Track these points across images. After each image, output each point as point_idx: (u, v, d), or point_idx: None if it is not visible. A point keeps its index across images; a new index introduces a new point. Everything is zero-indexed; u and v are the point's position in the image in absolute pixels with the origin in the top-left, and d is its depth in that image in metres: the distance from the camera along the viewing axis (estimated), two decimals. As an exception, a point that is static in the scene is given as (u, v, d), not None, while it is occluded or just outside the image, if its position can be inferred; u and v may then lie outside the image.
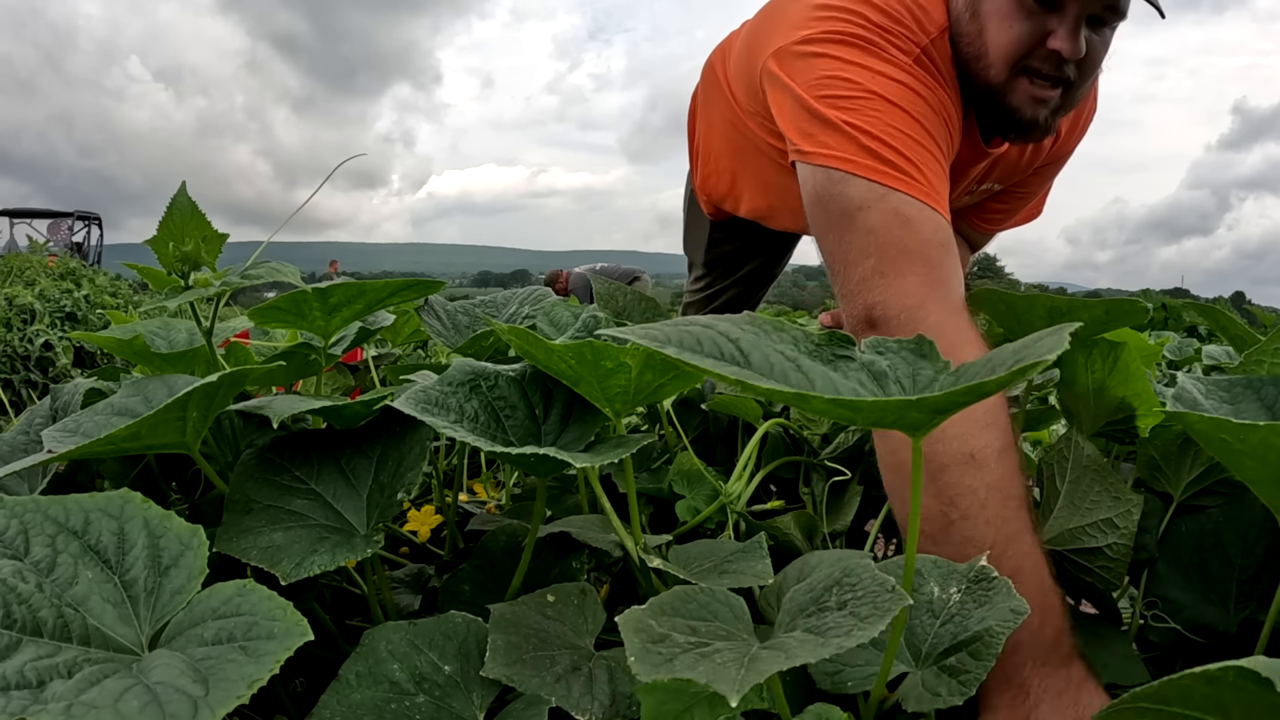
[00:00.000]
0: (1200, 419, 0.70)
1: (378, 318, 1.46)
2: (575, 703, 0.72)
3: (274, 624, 0.63)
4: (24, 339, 4.83)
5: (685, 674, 0.56)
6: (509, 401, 0.94)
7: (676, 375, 0.88)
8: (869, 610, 0.61)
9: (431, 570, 1.22)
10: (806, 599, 0.69)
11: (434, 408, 0.87)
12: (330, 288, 1.06)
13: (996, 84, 1.28)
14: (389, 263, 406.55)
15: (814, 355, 0.68)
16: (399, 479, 0.92)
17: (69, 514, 0.71)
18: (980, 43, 1.27)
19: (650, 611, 0.65)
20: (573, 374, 0.89)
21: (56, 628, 0.62)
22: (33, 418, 1.08)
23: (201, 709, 0.54)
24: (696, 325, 0.66)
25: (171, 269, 1.05)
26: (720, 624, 0.67)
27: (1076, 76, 1.27)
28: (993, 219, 1.79)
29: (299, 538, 0.86)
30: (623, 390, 0.88)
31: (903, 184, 1.15)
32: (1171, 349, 2.80)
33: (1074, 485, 1.03)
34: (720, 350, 0.64)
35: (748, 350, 0.65)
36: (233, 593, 0.67)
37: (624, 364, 0.85)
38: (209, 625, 0.64)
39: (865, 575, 0.66)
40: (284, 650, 0.60)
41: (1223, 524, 1.01)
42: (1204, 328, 5.75)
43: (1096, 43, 1.25)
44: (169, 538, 0.71)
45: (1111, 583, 1.00)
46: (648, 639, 0.61)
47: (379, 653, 0.76)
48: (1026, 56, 1.25)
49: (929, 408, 0.59)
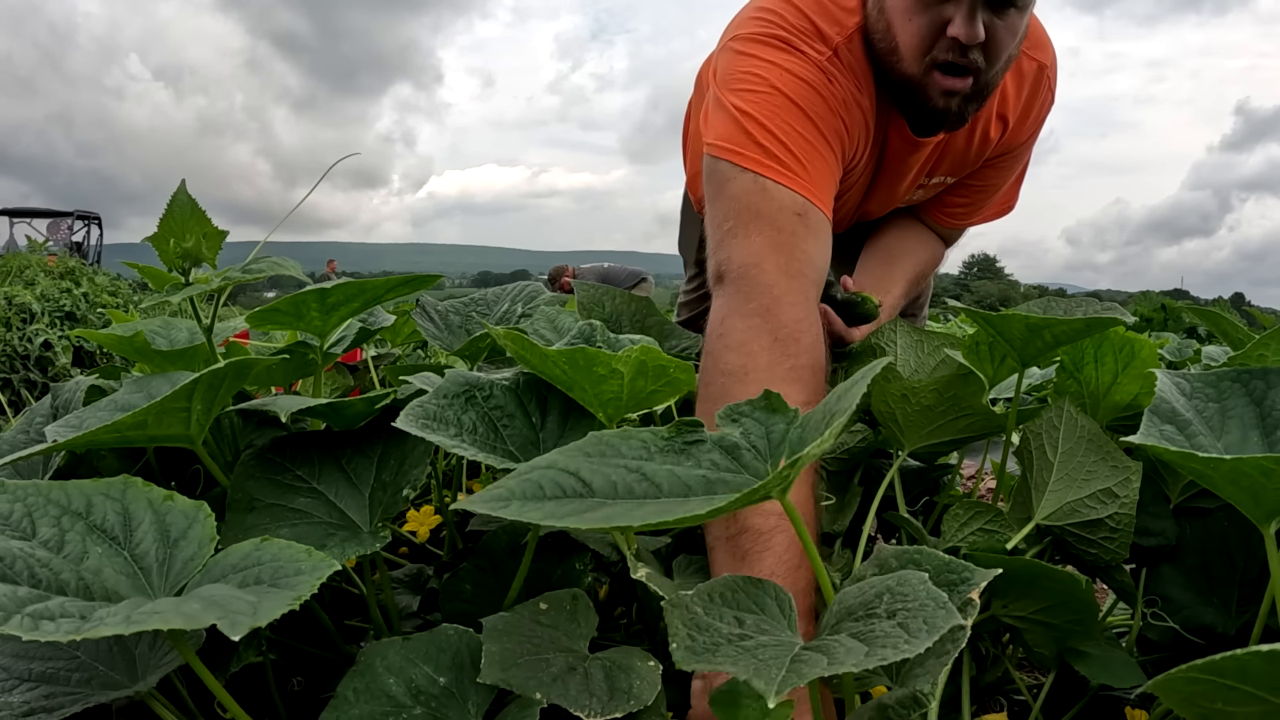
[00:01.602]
0: (1169, 451, 0.72)
1: (377, 317, 1.46)
2: (574, 700, 0.72)
3: (300, 563, 0.66)
4: (23, 338, 4.83)
5: (726, 668, 0.56)
6: (505, 410, 0.95)
7: (669, 382, 0.90)
8: (919, 625, 0.60)
9: (430, 570, 1.21)
10: (855, 602, 0.67)
11: (433, 423, 0.88)
12: (329, 288, 1.06)
13: (911, 77, 1.34)
14: (389, 263, 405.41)
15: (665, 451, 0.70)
16: (403, 476, 0.93)
17: (70, 498, 0.72)
18: (890, 38, 1.34)
19: (698, 598, 0.65)
20: (566, 379, 0.89)
21: (79, 589, 0.64)
22: (33, 416, 1.08)
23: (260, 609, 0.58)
24: (538, 469, 0.68)
25: (172, 265, 1.05)
26: (766, 618, 0.66)
27: (984, 62, 1.31)
28: (955, 213, 1.79)
29: (306, 534, 0.87)
30: (615, 396, 0.89)
31: (778, 174, 1.26)
32: (1171, 350, 2.80)
33: (1068, 456, 1.01)
34: (562, 488, 0.66)
35: (589, 479, 0.67)
36: (250, 549, 0.69)
37: (616, 370, 0.86)
38: (232, 578, 0.66)
39: (919, 586, 0.65)
40: (316, 579, 0.63)
41: (1228, 527, 1.00)
42: (1203, 329, 5.75)
43: (999, 27, 1.29)
44: (174, 514, 0.73)
45: (1116, 553, 0.98)
46: (693, 625, 0.61)
47: (375, 669, 0.77)
48: (932, 47, 1.30)
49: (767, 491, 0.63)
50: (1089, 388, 1.14)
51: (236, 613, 0.57)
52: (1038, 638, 0.95)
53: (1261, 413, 0.85)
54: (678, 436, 0.71)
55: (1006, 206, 1.83)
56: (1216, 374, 0.88)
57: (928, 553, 0.75)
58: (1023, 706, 1.11)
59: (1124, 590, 1.02)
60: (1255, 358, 0.99)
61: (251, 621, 0.57)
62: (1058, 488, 1.01)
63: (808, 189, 1.27)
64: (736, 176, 1.28)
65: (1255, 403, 0.85)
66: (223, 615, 0.57)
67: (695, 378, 0.96)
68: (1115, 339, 1.06)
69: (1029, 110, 1.57)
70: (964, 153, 1.59)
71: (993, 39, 1.29)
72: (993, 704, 1.13)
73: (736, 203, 1.27)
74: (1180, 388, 0.86)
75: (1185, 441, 0.81)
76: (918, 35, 1.30)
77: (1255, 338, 1.02)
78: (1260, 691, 0.48)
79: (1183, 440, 0.81)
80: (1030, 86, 1.53)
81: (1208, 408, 0.86)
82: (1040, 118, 1.61)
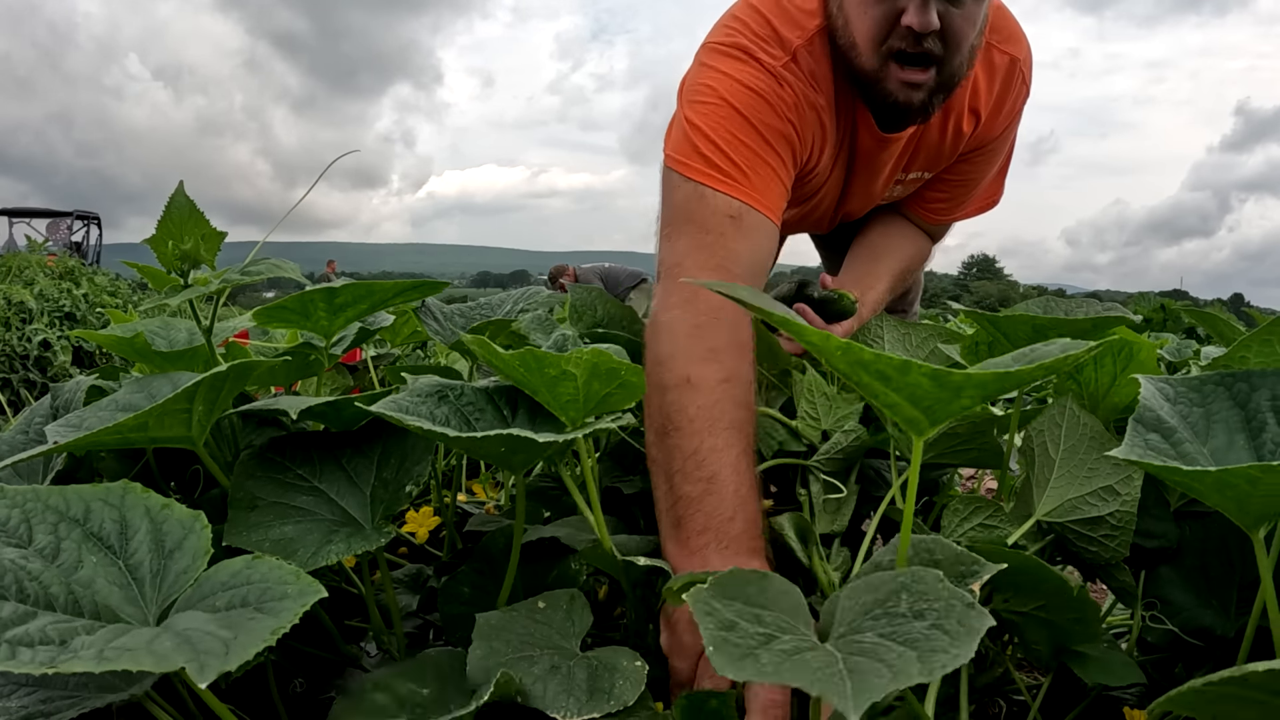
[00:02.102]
0: (1153, 466, 0.72)
1: (377, 318, 1.46)
2: (550, 702, 0.73)
3: (287, 586, 0.65)
4: (22, 338, 4.82)
5: (778, 678, 0.54)
6: (477, 406, 0.96)
7: (621, 385, 0.91)
8: (955, 626, 0.59)
9: (430, 571, 1.22)
10: (869, 599, 0.67)
11: (406, 415, 0.89)
12: (338, 288, 1.07)
13: (870, 70, 1.38)
14: (388, 263, 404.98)
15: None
16: (405, 473, 0.94)
17: (69, 503, 0.72)
18: (849, 33, 1.38)
19: (713, 592, 0.65)
20: (525, 381, 0.91)
21: (68, 603, 0.64)
22: (33, 416, 1.08)
23: (233, 648, 0.57)
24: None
25: (171, 267, 1.05)
26: (782, 614, 0.66)
27: (943, 51, 1.34)
28: (936, 209, 1.80)
29: (310, 529, 0.87)
30: (573, 398, 0.91)
31: (717, 182, 1.35)
32: (1170, 350, 2.81)
33: (1070, 453, 1.01)
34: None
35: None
36: (240, 566, 0.68)
37: (568, 372, 0.87)
38: (220, 596, 0.66)
39: (936, 585, 0.65)
40: (301, 606, 0.62)
41: (1227, 530, 0.99)
42: (1203, 330, 5.75)
43: (955, 15, 1.32)
44: (171, 523, 0.72)
45: (1116, 551, 0.98)
46: (719, 625, 0.60)
47: (364, 687, 0.80)
48: (888, 37, 1.34)
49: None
50: (1088, 389, 1.14)
51: (207, 653, 0.56)
52: (1038, 635, 0.95)
53: (1246, 415, 0.84)
54: None
55: (991, 201, 1.85)
56: (1200, 378, 0.87)
57: (943, 543, 0.76)
58: (1021, 706, 1.11)
59: (1124, 591, 1.02)
60: (1238, 360, 0.98)
61: (221, 665, 0.56)
62: (1059, 484, 1.01)
63: (746, 193, 1.36)
64: (680, 185, 1.38)
65: (1239, 405, 0.85)
66: (193, 657, 0.56)
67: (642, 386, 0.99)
68: (1115, 341, 1.06)
69: (1001, 103, 1.59)
70: (938, 147, 1.61)
71: (949, 27, 1.32)
72: (991, 704, 1.13)
73: (676, 210, 1.38)
74: (1164, 393, 0.86)
75: (1171, 450, 0.80)
76: (873, 26, 1.34)
77: (1247, 339, 1.01)
78: (1260, 696, 0.48)
79: (1168, 449, 0.80)
80: (1002, 80, 1.55)
81: (1192, 412, 0.85)
82: (1014, 111, 1.62)
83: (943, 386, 0.65)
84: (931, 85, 1.38)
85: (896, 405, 0.70)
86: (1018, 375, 0.65)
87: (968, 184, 1.74)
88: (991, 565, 0.69)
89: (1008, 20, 1.53)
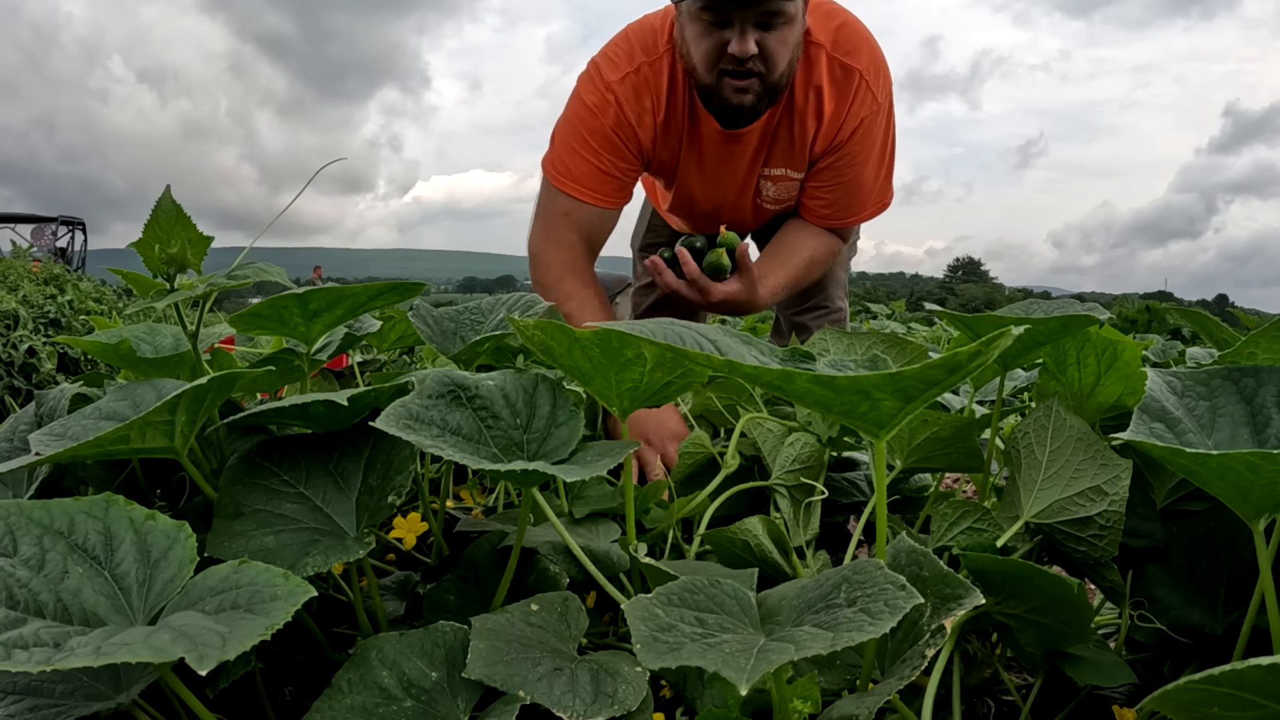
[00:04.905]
0: (1157, 448, 0.72)
1: (363, 323, 1.45)
2: (557, 700, 0.72)
3: (276, 588, 0.66)
4: (7, 345, 4.79)
5: (693, 662, 0.57)
6: (491, 411, 0.95)
7: (684, 374, 0.92)
8: (880, 607, 0.61)
9: (418, 577, 1.21)
10: (814, 595, 0.69)
11: (415, 423, 0.87)
12: (309, 293, 1.06)
13: (708, 85, 1.79)
14: (374, 269, 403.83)
15: (782, 361, 0.78)
16: (388, 482, 0.92)
17: (53, 517, 0.71)
18: (689, 58, 1.80)
19: (657, 600, 0.66)
20: (589, 367, 0.91)
21: (57, 610, 0.64)
22: (17, 424, 1.07)
23: (230, 640, 0.58)
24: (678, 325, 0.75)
25: (157, 271, 1.04)
26: (727, 616, 0.67)
27: (764, 68, 1.74)
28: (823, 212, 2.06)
29: (291, 541, 0.86)
30: (634, 385, 0.91)
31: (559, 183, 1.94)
32: (1155, 351, 2.82)
33: (1056, 455, 1.02)
34: (700, 346, 0.72)
35: (725, 350, 0.73)
36: (228, 572, 0.69)
37: (641, 355, 0.88)
38: (209, 600, 0.66)
39: (876, 573, 0.66)
40: (291, 606, 0.63)
41: (1214, 527, 1.00)
42: (1188, 330, 5.79)
43: (770, 38, 1.70)
44: (155, 534, 0.72)
45: (1105, 551, 0.98)
46: (655, 627, 0.62)
47: (370, 660, 0.77)
48: (719, 61, 1.74)
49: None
50: (1072, 389, 1.14)
51: (205, 645, 0.57)
52: (1029, 637, 0.95)
53: (1252, 410, 0.85)
54: (792, 360, 0.84)
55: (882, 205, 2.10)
56: (1208, 372, 0.88)
57: (931, 559, 0.75)
58: (1011, 707, 1.12)
59: (1113, 590, 1.03)
60: (1245, 355, 0.99)
61: (220, 655, 0.57)
62: (1046, 486, 1.02)
63: (579, 191, 1.92)
64: (543, 186, 1.99)
65: (1246, 400, 0.86)
66: (191, 648, 0.57)
67: (707, 372, 1.01)
68: (1098, 340, 1.07)
69: (843, 107, 1.89)
70: (790, 144, 1.96)
71: (766, 49, 1.71)
72: (980, 704, 1.13)
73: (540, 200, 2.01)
74: (1171, 386, 0.87)
75: (1174, 439, 0.81)
76: (706, 54, 1.74)
77: (1239, 337, 1.02)
78: (1259, 698, 0.48)
79: (1171, 438, 0.81)
80: (842, 87, 1.88)
81: (1198, 406, 0.86)
82: (859, 114, 1.91)
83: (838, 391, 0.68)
84: (759, 90, 1.77)
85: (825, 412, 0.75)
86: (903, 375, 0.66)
87: (842, 186, 2.01)
88: (977, 594, 0.68)
89: (853, 34, 1.88)
